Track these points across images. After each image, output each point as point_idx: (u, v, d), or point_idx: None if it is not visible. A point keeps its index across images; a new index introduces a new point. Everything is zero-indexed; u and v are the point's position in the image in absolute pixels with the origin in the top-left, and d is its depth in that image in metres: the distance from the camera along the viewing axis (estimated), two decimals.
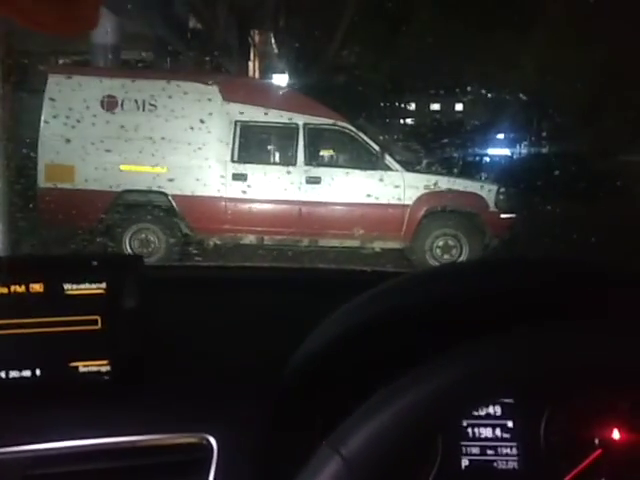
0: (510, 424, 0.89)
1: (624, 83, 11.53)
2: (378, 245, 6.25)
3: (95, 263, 0.84)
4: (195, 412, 0.80)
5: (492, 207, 6.26)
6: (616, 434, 0.84)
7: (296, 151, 6.24)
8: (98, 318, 0.81)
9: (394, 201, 6.15)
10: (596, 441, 0.84)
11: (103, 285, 0.80)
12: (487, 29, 12.23)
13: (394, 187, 6.15)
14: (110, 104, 6.00)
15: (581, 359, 0.59)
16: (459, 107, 19.98)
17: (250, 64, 15.23)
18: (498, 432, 0.89)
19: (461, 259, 6.15)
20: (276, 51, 15.72)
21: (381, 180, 6.15)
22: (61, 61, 7.75)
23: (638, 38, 9.90)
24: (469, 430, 0.89)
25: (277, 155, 6.70)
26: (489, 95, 13.69)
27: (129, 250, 5.93)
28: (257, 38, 15.74)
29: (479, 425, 0.89)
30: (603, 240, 4.85)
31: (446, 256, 6.22)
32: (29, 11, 0.52)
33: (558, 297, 0.78)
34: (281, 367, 0.83)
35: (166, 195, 6.01)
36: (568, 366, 0.59)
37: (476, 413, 0.88)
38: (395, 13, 12.24)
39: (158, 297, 0.92)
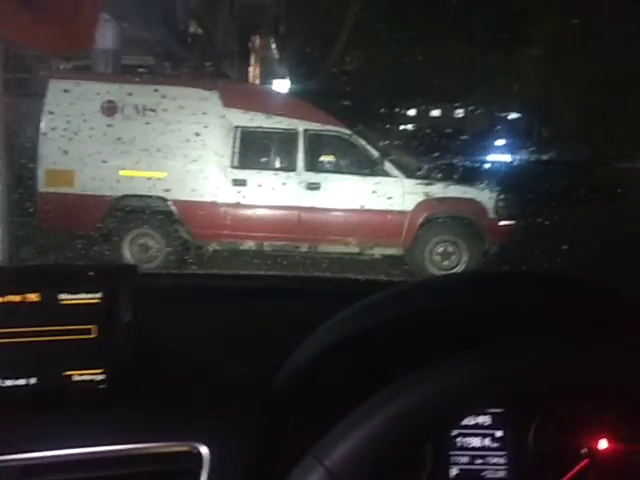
0: (499, 433, 0.89)
1: (624, 90, 11.54)
2: (377, 252, 6.25)
3: (91, 273, 0.85)
4: (186, 421, 0.81)
5: (491, 214, 6.26)
6: (604, 444, 0.85)
7: (296, 157, 6.24)
8: (93, 327, 0.82)
9: (394, 207, 6.14)
10: (584, 451, 0.85)
11: (98, 295, 0.81)
12: (488, 36, 12.26)
13: (394, 194, 6.16)
14: (110, 109, 6.01)
15: (567, 375, 0.60)
16: (459, 113, 19.96)
17: (250, 69, 15.25)
18: (487, 441, 0.89)
19: (460, 265, 6.15)
20: (276, 56, 15.74)
21: (381, 186, 6.15)
22: (62, 66, 7.76)
23: (638, 47, 9.92)
24: (458, 439, 0.89)
25: (277, 161, 6.68)
26: (489, 102, 13.72)
27: (128, 255, 5.92)
28: (257, 43, 15.77)
29: (468, 434, 0.89)
30: (602, 247, 4.86)
31: (445, 262, 6.22)
32: (27, 31, 0.54)
33: (547, 312, 0.79)
34: (272, 377, 0.84)
35: (165, 200, 6.00)
36: (554, 381, 0.60)
37: (465, 422, 0.89)
38: (396, 19, 12.27)
39: (152, 305, 0.93)
